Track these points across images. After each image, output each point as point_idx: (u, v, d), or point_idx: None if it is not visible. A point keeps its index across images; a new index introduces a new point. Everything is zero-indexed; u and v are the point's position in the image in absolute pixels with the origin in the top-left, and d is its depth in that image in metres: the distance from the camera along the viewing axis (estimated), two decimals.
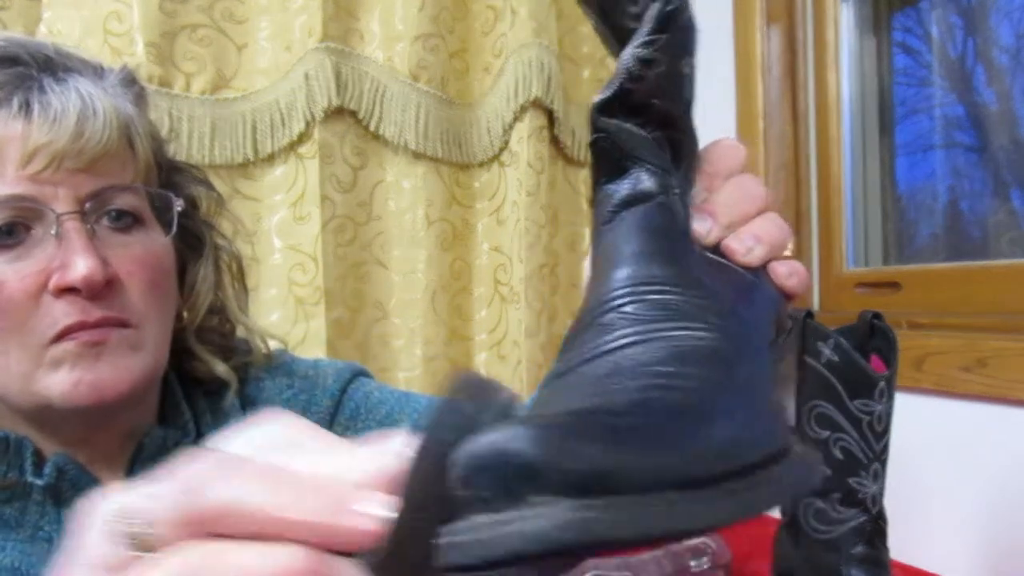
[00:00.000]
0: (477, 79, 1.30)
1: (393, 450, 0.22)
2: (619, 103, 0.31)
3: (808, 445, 0.70)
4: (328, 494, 0.21)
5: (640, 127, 0.31)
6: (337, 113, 1.15)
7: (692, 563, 0.87)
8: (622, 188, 0.31)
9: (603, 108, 0.31)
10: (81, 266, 0.48)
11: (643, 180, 0.30)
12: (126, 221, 0.52)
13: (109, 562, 0.22)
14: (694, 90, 0.33)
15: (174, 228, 0.55)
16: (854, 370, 0.68)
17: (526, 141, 1.24)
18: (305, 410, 0.63)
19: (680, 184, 0.31)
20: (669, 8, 0.30)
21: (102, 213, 0.51)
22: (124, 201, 0.52)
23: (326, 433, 0.24)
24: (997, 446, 0.88)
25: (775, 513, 0.77)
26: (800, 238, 1.22)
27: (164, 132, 0.83)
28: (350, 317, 1.19)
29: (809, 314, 0.70)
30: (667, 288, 0.28)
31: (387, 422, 0.64)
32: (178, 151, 1.07)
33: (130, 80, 0.57)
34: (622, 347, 0.26)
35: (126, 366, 0.50)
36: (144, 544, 0.22)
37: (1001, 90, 1.09)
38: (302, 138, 1.14)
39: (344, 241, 1.18)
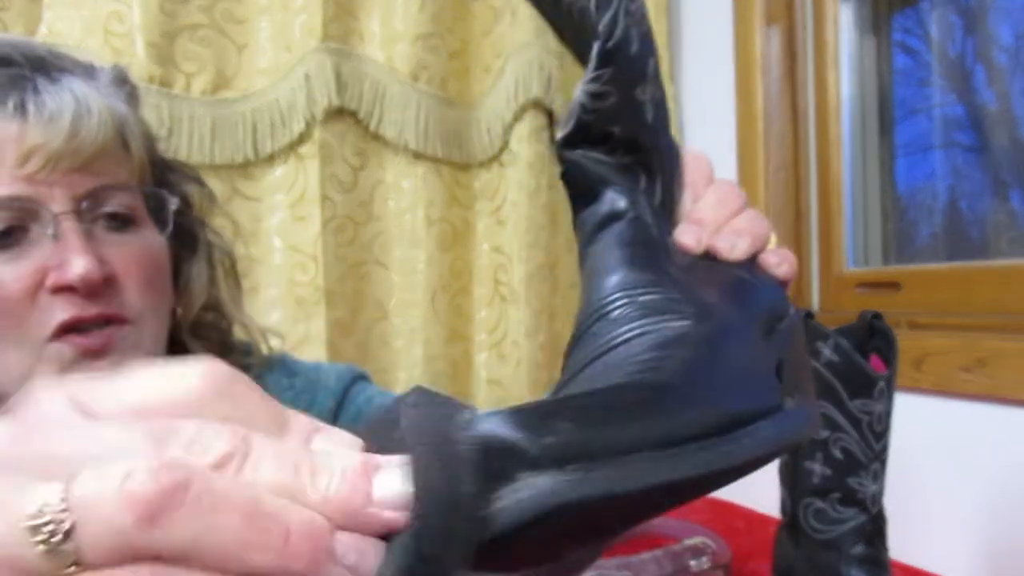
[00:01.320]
0: (477, 79, 1.30)
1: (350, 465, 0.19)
2: (579, 136, 0.33)
3: (804, 447, 0.70)
4: (306, 541, 0.18)
5: (606, 154, 0.33)
6: (337, 113, 1.15)
7: (692, 563, 0.87)
8: (597, 212, 0.33)
9: (565, 143, 0.34)
10: (78, 265, 0.48)
11: (613, 201, 0.33)
12: (122, 221, 0.53)
13: (11, 558, 0.17)
14: (662, 110, 0.34)
15: (169, 227, 0.56)
16: (854, 370, 0.68)
17: (526, 141, 1.24)
18: (307, 410, 0.63)
19: (653, 202, 0.34)
20: (609, 45, 0.31)
21: (98, 213, 0.51)
22: (120, 200, 0.52)
23: (261, 395, 0.21)
24: (997, 446, 0.88)
25: (775, 513, 0.78)
26: (800, 238, 1.22)
27: (159, 131, 0.83)
28: (350, 317, 1.19)
29: (809, 314, 0.71)
30: (647, 290, 0.30)
31: None
32: (178, 151, 1.07)
33: (122, 79, 0.57)
34: (610, 349, 0.28)
35: (126, 364, 0.50)
36: (55, 547, 0.17)
37: (1001, 90, 1.09)
38: (302, 138, 1.14)
39: (344, 241, 1.18)
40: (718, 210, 0.36)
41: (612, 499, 0.21)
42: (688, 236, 0.35)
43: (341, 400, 0.65)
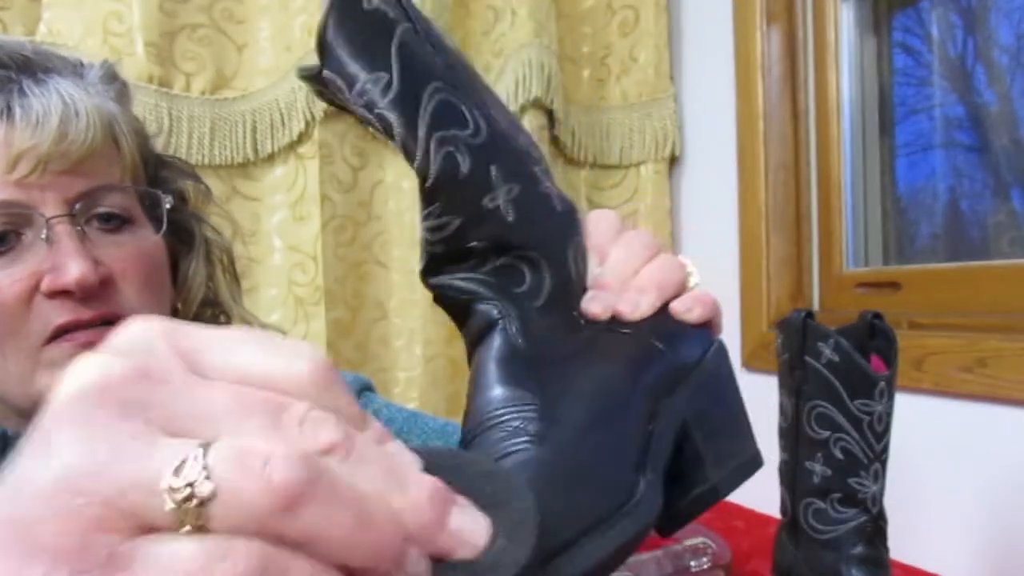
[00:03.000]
0: None
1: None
2: (435, 265, 0.34)
3: (805, 447, 0.70)
4: (392, 540, 0.19)
5: (475, 268, 0.34)
6: (337, 113, 1.15)
7: (692, 563, 0.87)
8: (471, 328, 0.35)
9: (425, 273, 0.35)
10: (74, 269, 0.48)
11: (483, 314, 0.34)
12: (116, 222, 0.52)
13: (135, 512, 0.17)
14: (530, 198, 0.35)
15: (164, 225, 0.55)
16: (854, 370, 0.68)
17: None
18: None
19: (534, 293, 0.34)
20: (428, 184, 0.32)
21: (92, 215, 0.51)
22: (113, 201, 0.52)
23: (345, 388, 0.22)
24: (997, 446, 0.88)
25: (775, 513, 0.77)
26: (800, 238, 1.22)
27: (155, 127, 0.82)
28: (350, 317, 1.19)
29: (809, 314, 0.70)
30: (506, 410, 0.32)
31: None
32: (178, 151, 1.07)
33: (111, 76, 0.56)
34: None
35: None
36: (187, 512, 0.17)
37: (1001, 90, 1.09)
38: (302, 138, 1.14)
39: (344, 241, 1.18)
40: (623, 269, 0.35)
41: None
42: (594, 304, 0.34)
43: None
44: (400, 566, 0.19)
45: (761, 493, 1.03)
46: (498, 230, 0.34)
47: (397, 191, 1.23)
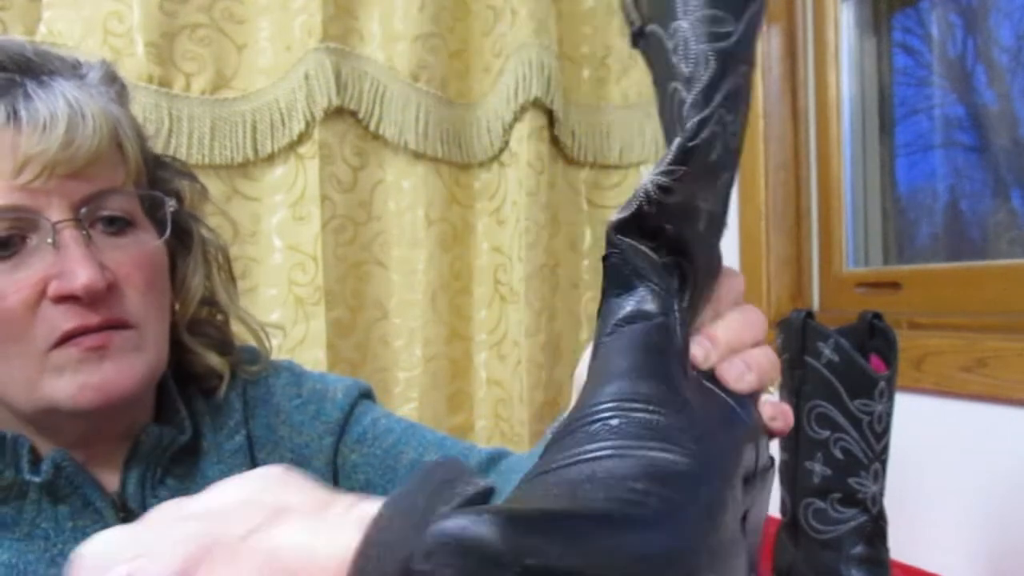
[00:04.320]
0: (477, 79, 1.30)
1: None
2: (633, 224, 0.33)
3: (805, 447, 0.70)
4: None
5: (652, 249, 0.33)
6: (337, 113, 1.15)
7: None
8: (627, 304, 0.33)
9: (619, 227, 0.33)
10: (82, 275, 0.47)
11: (647, 299, 0.32)
12: (120, 224, 0.52)
13: None
14: (716, 224, 0.34)
15: (168, 230, 0.55)
16: (854, 370, 0.68)
17: (526, 141, 1.24)
18: (314, 419, 0.63)
19: (682, 308, 0.33)
20: (690, 144, 0.31)
21: (96, 218, 0.51)
22: (117, 204, 0.52)
23: (314, 489, 0.26)
24: (997, 446, 0.88)
25: (775, 513, 0.77)
26: (800, 238, 1.22)
27: (155, 128, 0.82)
28: (350, 317, 1.19)
29: (809, 314, 0.70)
30: (651, 407, 0.29)
31: (393, 451, 0.63)
32: (178, 151, 1.07)
33: (111, 77, 0.56)
34: (600, 458, 0.28)
35: (129, 367, 0.50)
36: None
37: (1001, 90, 1.09)
38: (302, 138, 1.14)
39: (344, 241, 1.18)
40: (736, 334, 0.36)
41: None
42: (697, 349, 0.34)
43: (348, 415, 0.64)
44: None
45: None
46: (690, 230, 0.33)
47: (397, 191, 1.23)
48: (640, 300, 0.32)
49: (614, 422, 0.29)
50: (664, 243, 0.33)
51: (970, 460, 0.91)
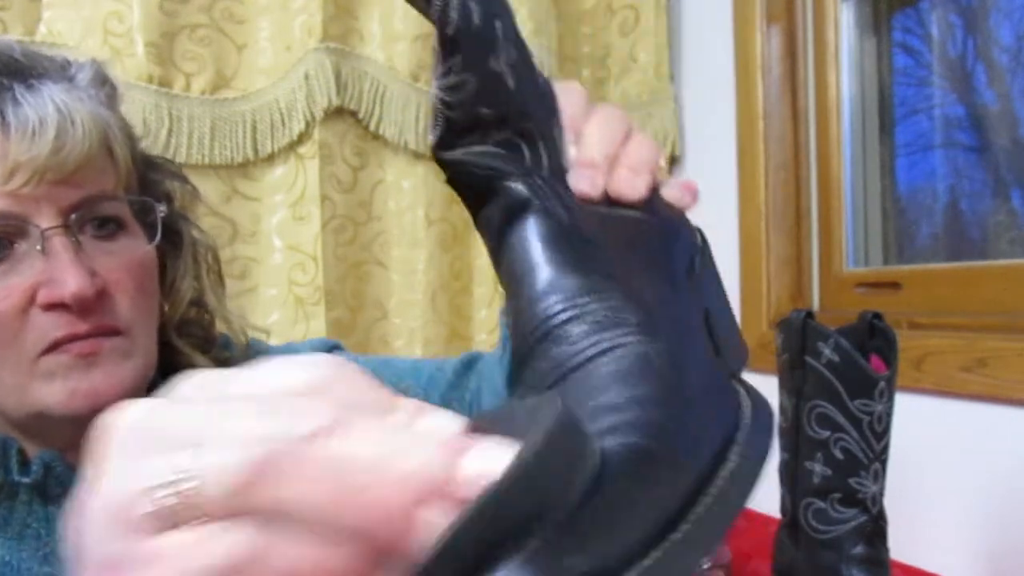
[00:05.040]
0: None
1: (450, 439, 0.21)
2: (451, 134, 0.31)
3: (805, 447, 0.70)
4: (392, 503, 0.20)
5: (482, 141, 0.31)
6: (337, 113, 1.15)
7: None
8: (498, 208, 0.31)
9: (439, 146, 0.31)
10: (71, 282, 0.47)
11: (512, 192, 0.31)
12: (109, 228, 0.52)
13: (131, 520, 0.20)
14: (523, 65, 0.32)
15: (158, 235, 0.55)
16: (854, 370, 0.68)
17: None
18: None
19: (546, 171, 0.31)
20: (448, 32, 0.30)
21: (86, 223, 0.50)
22: (107, 210, 0.51)
23: (371, 385, 0.23)
24: (997, 446, 0.88)
25: (775, 513, 0.77)
26: (800, 238, 1.22)
27: (141, 129, 0.81)
28: (350, 317, 1.19)
29: (809, 314, 0.70)
30: (588, 299, 0.28)
31: None
32: (178, 151, 1.07)
33: (101, 79, 0.55)
34: (570, 370, 0.26)
35: (119, 374, 0.50)
36: (173, 510, 0.20)
37: (1001, 90, 1.09)
38: (302, 138, 1.14)
39: (344, 241, 1.18)
40: (605, 145, 0.33)
41: None
42: (584, 183, 0.32)
43: None
44: (412, 527, 0.20)
45: (761, 493, 1.03)
46: (503, 97, 0.31)
47: (397, 191, 1.23)
48: (507, 196, 0.31)
49: (564, 331, 0.27)
50: (489, 127, 0.31)
51: (970, 460, 0.91)
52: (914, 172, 1.20)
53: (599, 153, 0.33)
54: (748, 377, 0.31)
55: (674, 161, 1.39)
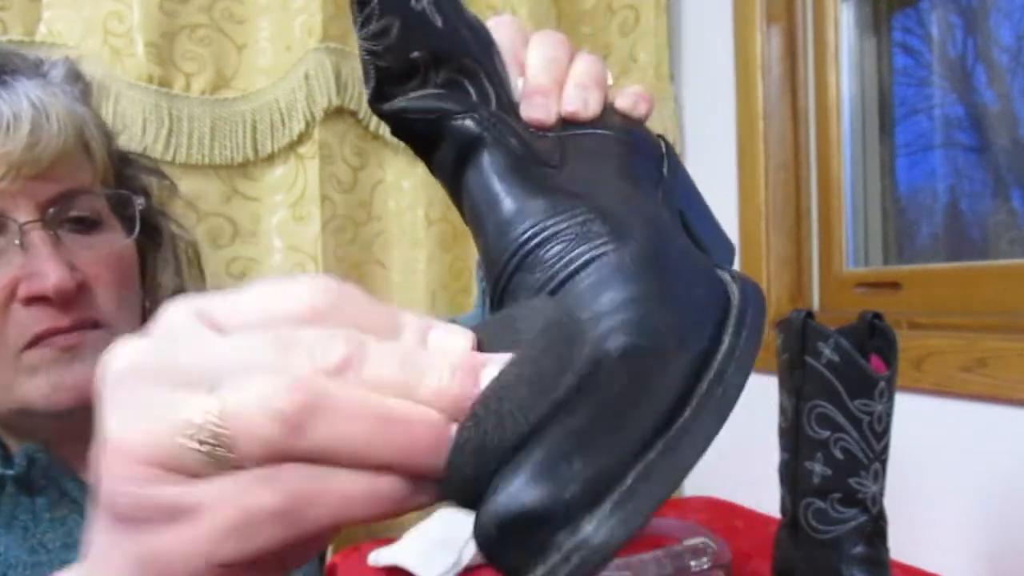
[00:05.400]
0: None
1: (460, 357, 0.21)
2: (386, 85, 0.30)
3: (805, 447, 0.70)
4: (424, 429, 0.20)
5: (422, 86, 0.30)
6: (337, 113, 1.15)
7: (692, 563, 0.87)
8: (447, 152, 0.30)
9: (376, 98, 0.30)
10: (51, 275, 0.47)
11: (460, 131, 0.30)
12: (88, 222, 0.52)
13: (161, 466, 0.20)
14: (448, 4, 0.31)
15: (136, 229, 0.55)
16: (854, 370, 0.68)
17: None
18: None
19: (487, 102, 0.31)
20: None
21: (64, 218, 0.50)
22: (85, 204, 0.51)
23: (373, 305, 0.23)
24: (997, 446, 0.88)
25: (775, 513, 0.77)
26: (800, 238, 1.22)
27: (151, 128, 0.80)
28: None
29: (809, 314, 0.70)
30: (554, 219, 0.28)
31: None
32: (178, 151, 1.07)
33: (74, 75, 0.55)
34: (557, 286, 0.26)
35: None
36: (210, 455, 0.20)
37: (1001, 90, 1.09)
38: (302, 138, 1.14)
39: (344, 241, 1.18)
40: (552, 69, 0.33)
41: (650, 516, 0.21)
42: (536, 111, 0.31)
43: None
44: (440, 444, 0.20)
45: (761, 493, 1.03)
46: (432, 36, 0.30)
47: (397, 191, 1.23)
48: (456, 136, 0.30)
49: (539, 253, 0.27)
50: (427, 69, 0.30)
51: (970, 460, 0.91)
52: (914, 172, 1.21)
53: (546, 79, 0.33)
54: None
55: None
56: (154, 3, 1.06)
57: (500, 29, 0.33)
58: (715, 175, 1.30)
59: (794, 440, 0.72)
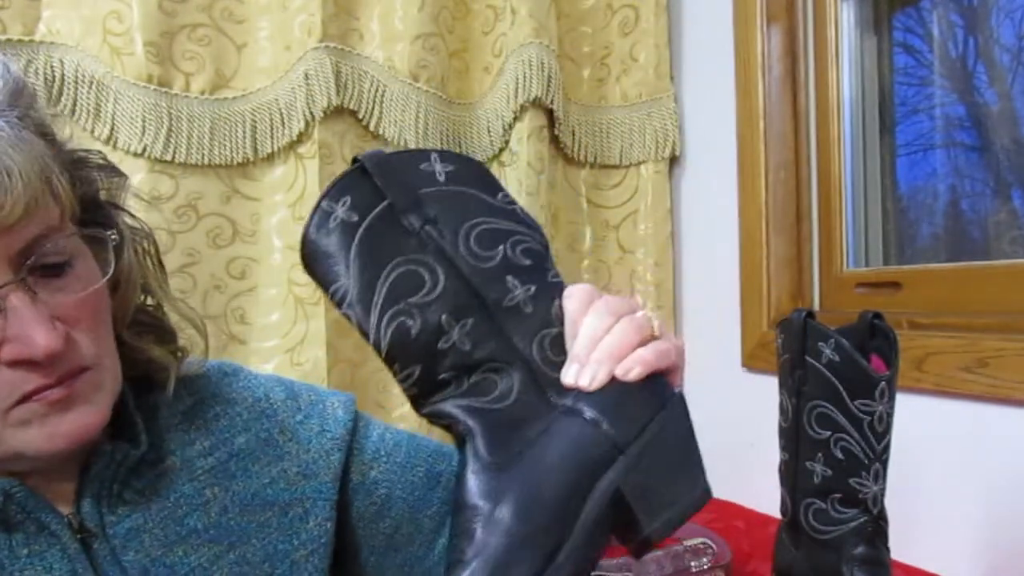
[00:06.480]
0: (477, 79, 1.29)
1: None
2: (420, 400, 0.42)
3: (805, 447, 0.70)
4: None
5: (455, 391, 0.41)
6: (337, 113, 1.15)
7: (692, 563, 0.87)
8: (457, 444, 0.43)
9: (415, 405, 0.42)
10: (40, 340, 0.45)
11: (458, 435, 0.42)
12: (59, 265, 0.49)
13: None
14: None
15: (111, 269, 0.52)
16: (855, 370, 0.67)
17: (526, 141, 1.24)
18: (320, 435, 0.61)
19: (517, 392, 0.42)
20: (382, 355, 0.41)
21: (36, 265, 0.47)
22: (57, 248, 0.48)
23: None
24: (997, 446, 0.88)
25: (775, 513, 0.77)
26: (800, 238, 1.22)
27: (151, 129, 0.78)
28: None
29: (810, 314, 0.70)
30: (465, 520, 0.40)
31: (408, 465, 0.63)
32: (177, 151, 1.07)
33: (15, 93, 0.49)
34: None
35: (95, 406, 0.49)
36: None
37: (1002, 90, 1.09)
38: (302, 138, 1.14)
39: None
40: (588, 340, 0.43)
41: None
42: (567, 377, 0.42)
43: (353, 432, 0.62)
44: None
45: (761, 493, 1.03)
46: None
47: None
48: (457, 437, 0.42)
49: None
50: (456, 379, 0.41)
51: (971, 460, 0.91)
52: (915, 172, 1.20)
53: (583, 348, 0.43)
54: (748, 377, 0.32)
55: (674, 161, 1.39)
56: (153, 2, 1.06)
57: (567, 298, 0.45)
58: (715, 175, 1.30)
59: (794, 440, 0.72)
